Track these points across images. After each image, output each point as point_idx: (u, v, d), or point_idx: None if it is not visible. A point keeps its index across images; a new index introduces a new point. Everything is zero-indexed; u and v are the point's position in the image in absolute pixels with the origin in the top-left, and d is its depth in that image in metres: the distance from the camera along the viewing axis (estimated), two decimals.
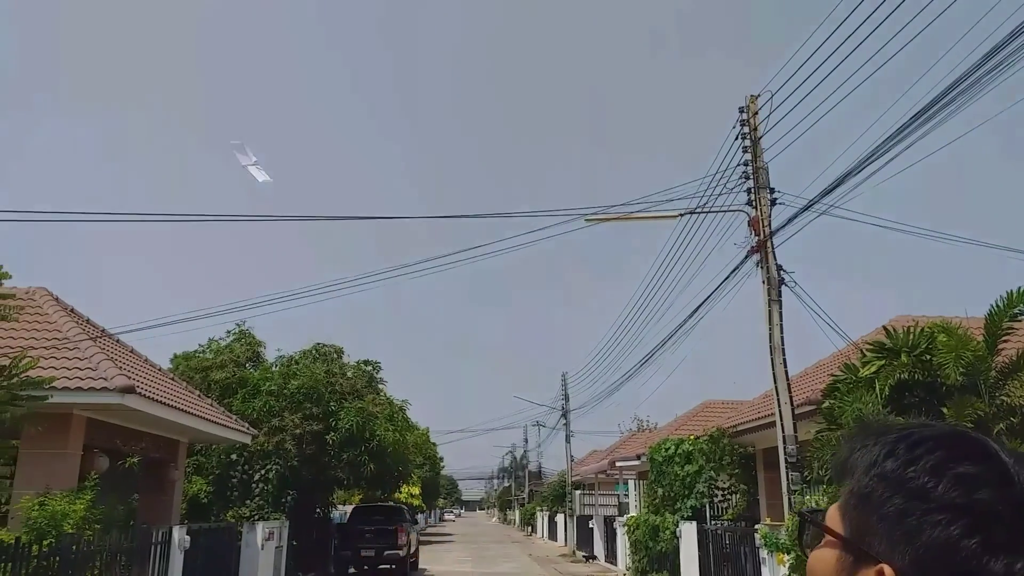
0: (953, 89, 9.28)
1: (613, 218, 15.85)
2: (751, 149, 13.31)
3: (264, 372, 20.45)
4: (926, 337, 10.55)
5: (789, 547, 9.30)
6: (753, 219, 13.06)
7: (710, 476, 18.37)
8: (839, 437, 9.41)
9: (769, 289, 12.36)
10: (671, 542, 18.27)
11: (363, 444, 18.77)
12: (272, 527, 16.69)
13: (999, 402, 9.97)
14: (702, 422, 23.29)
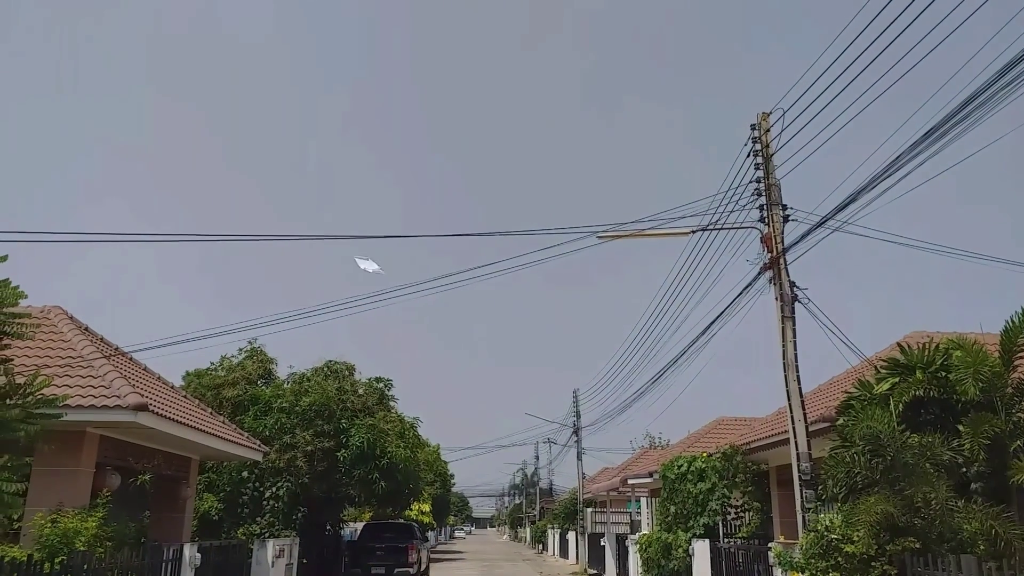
0: (967, 105, 9.26)
1: (626, 235, 15.84)
2: (763, 166, 13.30)
3: (276, 389, 20.49)
4: (941, 354, 10.48)
5: (803, 566, 9.19)
6: (766, 236, 13.03)
7: (723, 493, 18.23)
8: (853, 455, 9.34)
9: (782, 306, 12.31)
10: (684, 560, 18.10)
11: (374, 461, 18.75)
12: (283, 544, 16.67)
13: (1016, 419, 9.87)
14: (715, 439, 23.16)
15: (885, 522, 8.42)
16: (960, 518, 8.86)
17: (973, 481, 9.75)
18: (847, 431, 9.96)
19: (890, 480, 8.84)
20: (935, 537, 8.54)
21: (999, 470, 9.46)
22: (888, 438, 8.96)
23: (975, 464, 9.58)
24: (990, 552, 8.40)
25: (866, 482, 9.14)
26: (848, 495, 9.44)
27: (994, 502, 9.28)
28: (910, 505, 8.62)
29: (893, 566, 8.35)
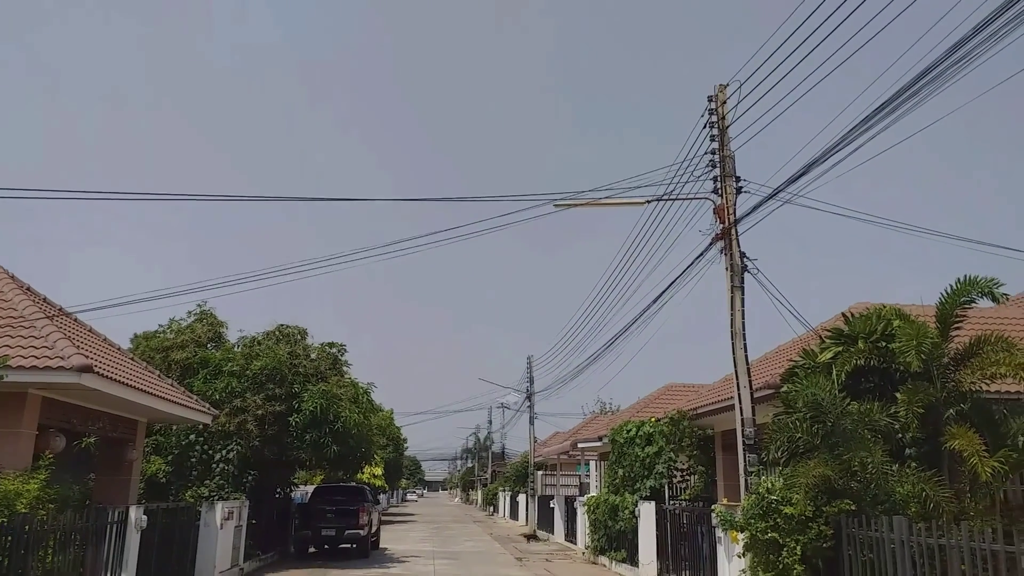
0: (919, 81, 9.44)
1: (582, 204, 15.93)
2: (718, 138, 13.42)
3: (226, 353, 20.21)
4: (883, 324, 10.81)
5: (744, 526, 9.51)
6: (718, 207, 13.20)
7: (670, 457, 18.68)
8: (795, 421, 9.63)
9: (732, 276, 12.52)
10: (630, 521, 18.55)
11: (326, 426, 18.68)
12: (232, 507, 16.60)
13: (950, 388, 10.27)
14: (664, 405, 23.63)
15: (823, 485, 8.74)
16: (894, 481, 9.24)
17: (908, 447, 10.15)
18: (790, 398, 10.26)
19: (829, 445, 9.15)
20: (870, 499, 8.89)
21: (933, 436, 9.86)
22: (829, 405, 9.26)
23: (910, 430, 9.96)
24: (920, 513, 8.79)
25: (807, 447, 9.45)
26: (789, 459, 9.76)
27: (926, 467, 9.69)
28: (847, 469, 8.95)
29: (829, 527, 8.69)
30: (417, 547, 26.15)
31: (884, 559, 7.89)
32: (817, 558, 8.69)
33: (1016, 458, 9.42)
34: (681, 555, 15.93)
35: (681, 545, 15.94)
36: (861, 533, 8.34)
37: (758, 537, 9.11)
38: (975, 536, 6.94)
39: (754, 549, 9.36)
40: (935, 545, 7.42)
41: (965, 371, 10.22)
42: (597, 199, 16.03)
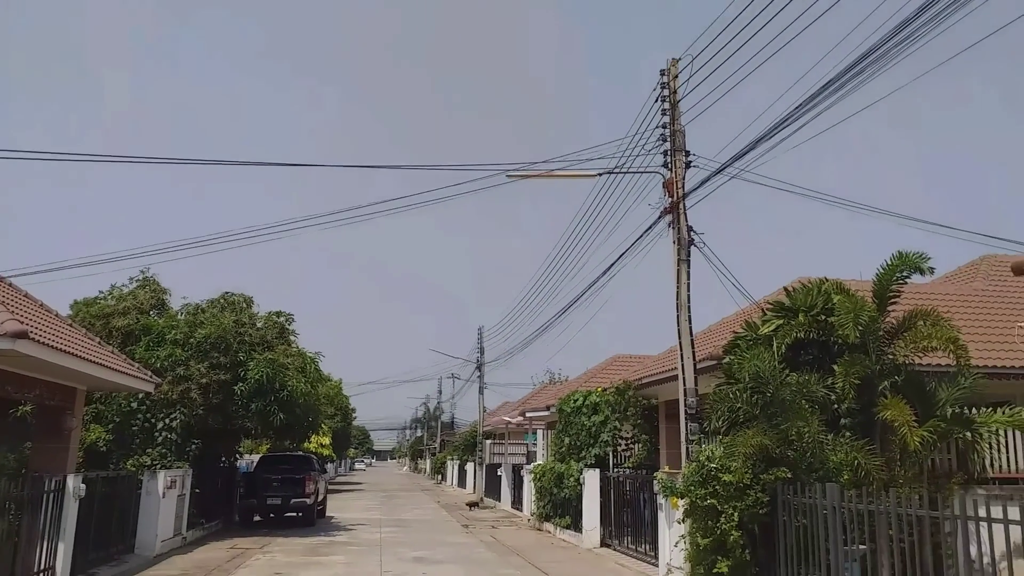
0: (863, 60, 9.63)
1: (534, 175, 15.95)
2: (670, 112, 13.51)
3: (169, 320, 19.78)
4: (823, 298, 11.10)
5: (684, 492, 9.75)
6: (668, 181, 13.33)
7: (615, 426, 19.00)
8: (736, 391, 9.87)
9: (679, 249, 12.70)
10: (575, 488, 18.87)
11: (272, 395, 18.45)
12: (175, 476, 16.38)
13: (885, 361, 10.63)
14: (611, 375, 23.97)
15: (761, 453, 9.00)
16: (828, 450, 9.57)
17: (843, 417, 10.49)
18: (732, 369, 10.50)
19: (768, 415, 9.41)
20: (805, 467, 9.20)
21: (867, 407, 10.21)
22: (769, 376, 9.50)
23: (846, 401, 10.29)
24: (853, 481, 9.13)
25: (746, 417, 9.71)
26: (729, 428, 10.02)
27: (860, 436, 10.04)
28: (785, 438, 9.23)
29: (765, 493, 8.97)
30: (364, 515, 26.21)
31: (817, 524, 8.19)
32: (753, 524, 8.98)
33: (944, 428, 9.83)
34: (624, 521, 16.30)
35: (624, 511, 16.30)
36: (796, 500, 8.63)
37: (697, 504, 9.36)
38: (902, 503, 7.24)
39: (693, 515, 9.61)
40: (865, 511, 7.72)
41: (899, 344, 10.58)
42: (549, 171, 16.06)
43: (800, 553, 8.45)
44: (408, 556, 15.53)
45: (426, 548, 16.93)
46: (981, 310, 15.51)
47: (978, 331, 14.05)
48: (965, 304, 15.49)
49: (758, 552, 9.09)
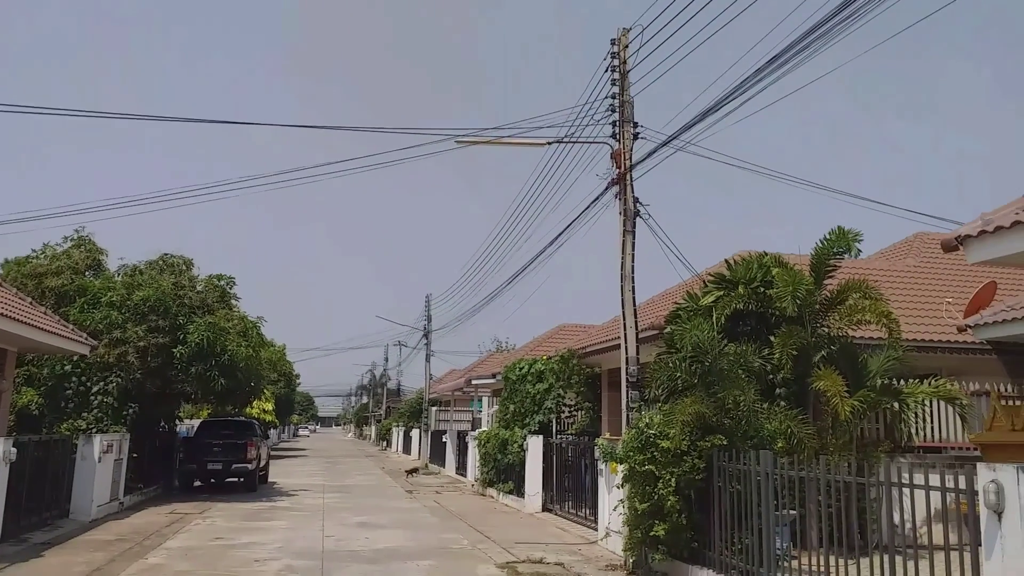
0: (809, 36, 9.74)
1: (483, 141, 15.87)
2: (619, 83, 13.49)
3: (106, 282, 19.22)
4: (762, 271, 11.35)
5: (623, 458, 9.95)
6: (615, 152, 13.36)
7: (559, 394, 19.23)
8: (676, 360, 10.06)
9: (625, 220, 12.77)
10: (518, 454, 19.10)
11: (213, 359, 18.12)
12: (111, 440, 16.05)
13: (820, 333, 10.95)
14: (556, 344, 24.18)
15: (698, 421, 9.21)
16: (763, 419, 9.86)
17: (779, 387, 10.82)
18: (673, 339, 10.69)
19: (706, 384, 9.63)
20: (740, 435, 9.46)
21: (802, 377, 10.54)
22: (708, 346, 9.70)
23: (782, 372, 10.60)
24: (786, 449, 9.43)
25: (685, 385, 9.91)
26: (669, 396, 10.22)
27: (794, 406, 10.37)
28: (722, 406, 9.46)
29: (702, 460, 9.20)
30: (307, 481, 26.11)
31: (750, 490, 8.43)
32: (689, 489, 9.21)
33: (873, 398, 10.21)
34: (565, 486, 16.58)
35: (566, 477, 16.58)
36: (731, 466, 8.87)
37: (636, 469, 9.55)
38: (832, 469, 7.50)
39: (632, 480, 9.82)
40: (796, 477, 7.98)
41: (834, 317, 10.92)
42: (499, 137, 15.99)
43: (734, 517, 8.72)
44: (351, 521, 15.56)
45: (370, 513, 16.97)
46: (912, 286, 16.04)
47: (909, 306, 14.54)
48: (897, 280, 16.00)
49: (694, 516, 9.34)
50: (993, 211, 7.01)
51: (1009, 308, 11.51)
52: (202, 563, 10.72)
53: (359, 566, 10.66)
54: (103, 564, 10.54)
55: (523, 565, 10.83)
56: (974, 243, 6.90)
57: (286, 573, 10.11)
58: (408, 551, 12.03)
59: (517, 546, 12.53)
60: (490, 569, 10.62)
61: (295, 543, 12.62)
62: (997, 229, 6.61)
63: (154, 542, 12.53)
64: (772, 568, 8.05)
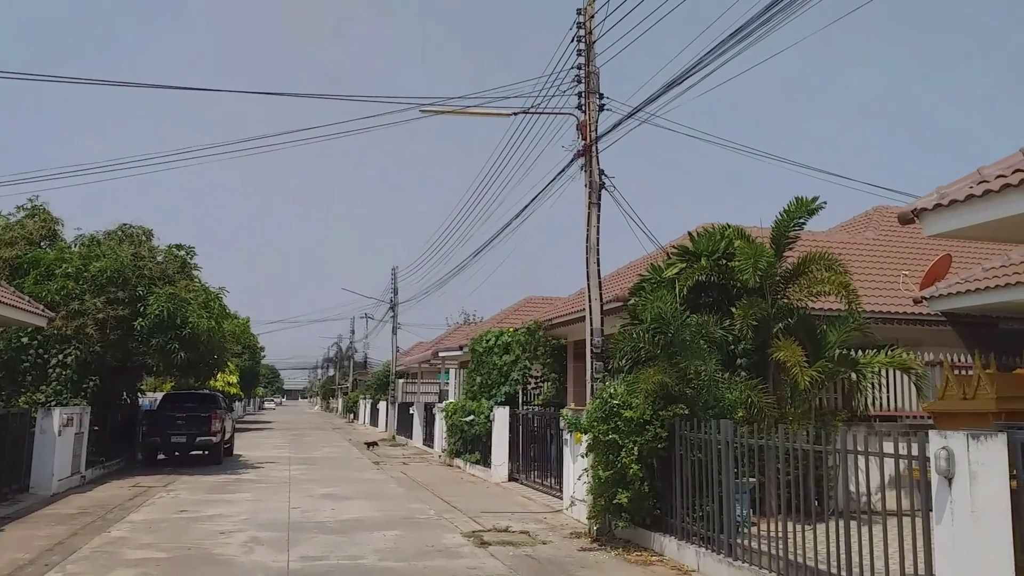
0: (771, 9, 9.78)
1: (448, 111, 15.74)
2: (585, 53, 13.43)
3: (61, 252, 18.80)
4: (725, 243, 11.47)
5: (587, 428, 10.06)
6: (581, 123, 13.33)
7: (525, 365, 19.36)
8: (640, 331, 10.17)
9: (590, 192, 12.80)
10: (485, 425, 19.22)
11: (174, 331, 17.86)
12: (71, 413, 15.81)
13: (780, 304, 11.12)
14: (523, 316, 24.28)
15: (661, 391, 9.35)
16: (724, 388, 10.03)
17: (740, 357, 11.00)
18: (637, 310, 10.80)
19: (669, 354, 9.76)
20: (702, 404, 9.62)
21: (762, 348, 10.71)
22: (671, 317, 9.81)
23: (742, 342, 10.78)
24: (746, 418, 9.61)
25: (648, 356, 10.04)
26: (632, 367, 10.35)
27: (754, 376, 10.56)
28: (684, 376, 9.60)
29: (664, 429, 9.35)
30: (273, 453, 26.03)
31: (711, 458, 8.60)
32: (652, 458, 9.36)
33: (832, 368, 10.43)
34: (531, 456, 16.74)
35: (532, 447, 16.73)
36: (692, 435, 9.02)
37: (600, 438, 9.68)
38: (790, 438, 7.66)
39: (596, 449, 9.95)
40: (756, 446, 8.14)
41: (794, 288, 11.09)
42: (464, 108, 15.87)
43: (695, 485, 8.89)
44: (317, 493, 15.57)
45: (336, 485, 16.99)
46: (871, 258, 16.34)
47: (868, 278, 14.82)
48: (856, 252, 16.28)
49: (656, 484, 9.51)
50: (949, 184, 7.13)
51: (963, 280, 11.78)
52: (167, 536, 10.66)
53: (325, 537, 10.69)
54: (65, 538, 10.43)
55: (489, 534, 10.94)
56: (930, 216, 7.02)
57: (252, 544, 10.10)
58: (374, 521, 12.08)
59: (483, 515, 12.65)
60: (456, 538, 10.72)
61: (261, 515, 12.60)
62: (952, 202, 6.73)
63: (117, 515, 12.43)
64: (732, 534, 8.25)
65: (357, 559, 9.25)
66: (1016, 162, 6.44)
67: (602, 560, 9.33)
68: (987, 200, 6.40)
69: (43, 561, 8.94)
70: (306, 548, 9.85)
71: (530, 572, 8.58)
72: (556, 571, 8.66)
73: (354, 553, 9.57)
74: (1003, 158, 6.79)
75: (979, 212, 6.55)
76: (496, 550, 9.80)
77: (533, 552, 9.73)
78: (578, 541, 10.46)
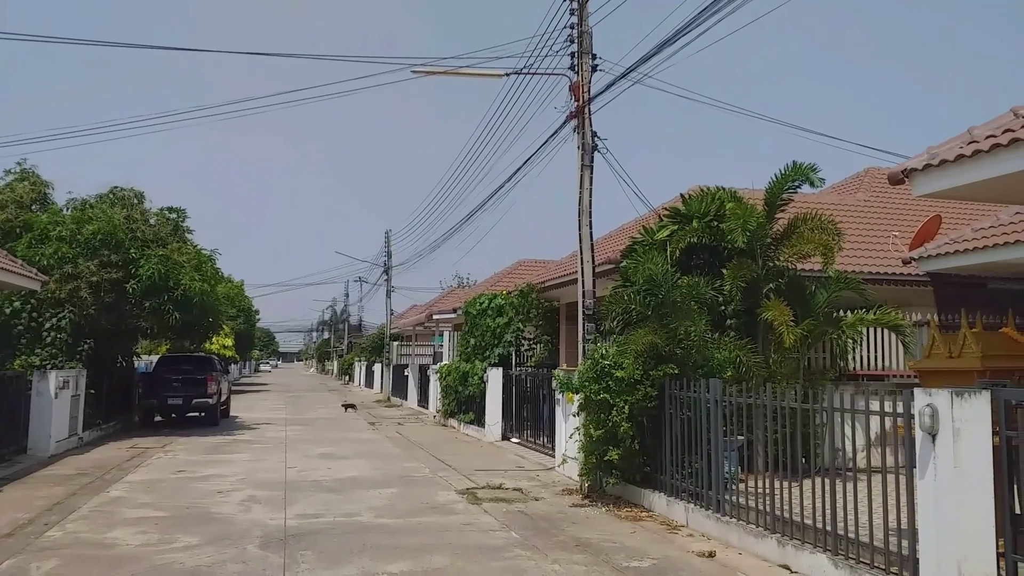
0: None
1: (440, 72, 15.62)
2: (578, 12, 13.29)
3: (53, 216, 18.71)
4: (716, 205, 11.50)
5: (579, 388, 10.19)
6: (574, 84, 13.25)
7: (518, 328, 19.49)
8: (631, 293, 10.24)
9: (583, 154, 12.76)
10: (479, 386, 19.40)
11: (167, 293, 17.87)
12: (67, 376, 15.90)
13: (770, 266, 11.20)
14: (516, 279, 24.36)
15: (651, 351, 9.45)
16: (714, 348, 10.14)
17: (729, 318, 11.10)
18: (628, 272, 10.86)
19: (660, 316, 9.84)
20: (692, 364, 9.73)
21: (751, 309, 10.80)
22: (662, 279, 9.88)
23: (732, 303, 10.87)
24: (735, 377, 9.73)
25: (640, 317, 10.12)
26: (624, 328, 10.44)
27: (743, 336, 10.67)
28: (674, 337, 9.70)
29: (654, 388, 9.47)
30: (269, 415, 26.24)
31: (700, 416, 8.73)
32: (642, 416, 9.50)
33: (819, 328, 10.54)
34: (524, 416, 16.96)
35: (524, 407, 16.94)
36: (682, 394, 9.15)
37: (591, 398, 9.81)
38: (778, 396, 7.77)
39: (587, 409, 10.08)
40: (744, 404, 8.27)
41: (784, 250, 11.16)
42: (456, 68, 15.75)
43: (684, 443, 9.04)
44: (314, 453, 15.75)
45: (332, 445, 17.18)
46: (862, 219, 16.40)
47: (859, 239, 14.89)
48: (848, 213, 16.32)
49: (646, 442, 9.66)
50: (939, 145, 7.15)
51: (952, 241, 11.85)
52: (165, 495, 10.82)
53: (322, 495, 10.86)
54: (64, 498, 10.57)
55: (483, 491, 11.13)
56: (919, 176, 7.04)
57: (249, 503, 10.26)
58: (370, 480, 12.26)
59: (477, 473, 12.85)
60: (451, 495, 10.90)
61: (258, 474, 12.77)
62: (942, 162, 6.75)
63: (115, 476, 12.58)
64: (720, 490, 8.41)
65: (353, 516, 9.41)
66: (1006, 122, 6.45)
67: (593, 516, 9.52)
68: (977, 160, 6.42)
69: (43, 520, 9.07)
70: (303, 506, 10.01)
71: (523, 527, 8.76)
72: (548, 526, 8.84)
73: (350, 511, 9.74)
74: (993, 118, 6.81)
75: (969, 172, 6.57)
76: (489, 506, 9.98)
77: (526, 508, 9.92)
78: (570, 498, 10.65)
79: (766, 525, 7.61)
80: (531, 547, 7.85)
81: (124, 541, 8.09)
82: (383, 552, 7.60)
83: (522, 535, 8.39)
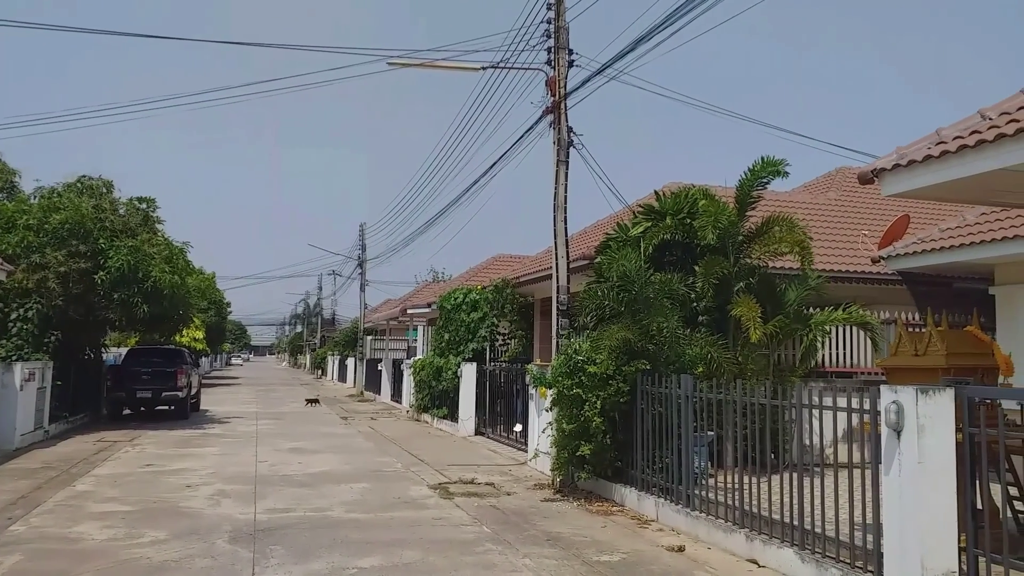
0: None
1: (416, 64, 15.53)
2: (555, 7, 13.29)
3: (20, 204, 18.37)
4: (689, 202, 11.58)
5: (552, 383, 10.22)
6: (550, 79, 13.24)
7: (493, 322, 19.49)
8: (605, 289, 10.28)
9: (559, 150, 12.77)
10: (453, 381, 19.38)
11: (136, 285, 17.62)
12: (33, 368, 15.64)
13: (742, 263, 11.30)
14: (491, 274, 24.36)
15: (624, 347, 9.50)
16: (685, 344, 10.22)
17: (701, 314, 11.20)
18: (602, 268, 10.90)
19: (633, 311, 9.89)
20: (664, 360, 9.79)
21: (723, 305, 10.90)
22: (635, 275, 9.93)
23: (704, 300, 10.96)
24: (706, 373, 9.82)
25: (613, 313, 10.17)
26: (597, 324, 10.49)
27: (715, 332, 10.76)
28: (646, 333, 9.76)
29: (626, 383, 9.52)
30: (241, 408, 26.00)
31: (671, 412, 8.79)
32: (614, 411, 9.55)
33: (788, 325, 10.67)
34: (498, 411, 16.97)
35: (498, 402, 16.96)
36: (654, 390, 9.21)
37: (564, 393, 9.84)
38: (748, 392, 7.85)
39: (560, 404, 10.12)
40: (715, 400, 8.34)
41: (755, 248, 11.27)
42: (432, 61, 15.67)
43: (656, 438, 9.10)
44: (285, 447, 15.64)
45: (304, 439, 17.07)
46: (833, 218, 16.60)
47: (829, 238, 15.08)
48: (819, 212, 16.53)
49: (618, 437, 9.72)
50: (908, 145, 7.25)
51: (920, 240, 12.05)
52: (132, 489, 10.68)
53: (292, 490, 10.79)
54: (29, 492, 10.40)
55: (455, 486, 11.12)
56: (888, 176, 7.14)
57: (219, 497, 10.16)
58: (342, 474, 12.21)
59: (450, 468, 12.84)
60: (423, 490, 10.89)
61: (228, 469, 12.65)
62: (910, 163, 6.85)
63: (82, 470, 12.40)
64: (690, 485, 8.48)
65: (324, 511, 9.36)
66: (973, 124, 6.55)
67: (564, 510, 9.55)
68: (944, 161, 6.52)
69: (6, 515, 8.92)
70: (273, 501, 9.94)
71: (494, 522, 8.77)
72: (520, 521, 8.86)
73: (321, 505, 9.69)
74: (961, 120, 6.92)
75: (936, 173, 6.67)
76: (461, 501, 9.98)
77: (498, 503, 9.93)
78: (542, 492, 10.68)
79: (735, 520, 7.69)
80: (502, 542, 7.86)
81: (90, 536, 7.98)
82: (354, 547, 7.58)
83: (493, 530, 8.40)
